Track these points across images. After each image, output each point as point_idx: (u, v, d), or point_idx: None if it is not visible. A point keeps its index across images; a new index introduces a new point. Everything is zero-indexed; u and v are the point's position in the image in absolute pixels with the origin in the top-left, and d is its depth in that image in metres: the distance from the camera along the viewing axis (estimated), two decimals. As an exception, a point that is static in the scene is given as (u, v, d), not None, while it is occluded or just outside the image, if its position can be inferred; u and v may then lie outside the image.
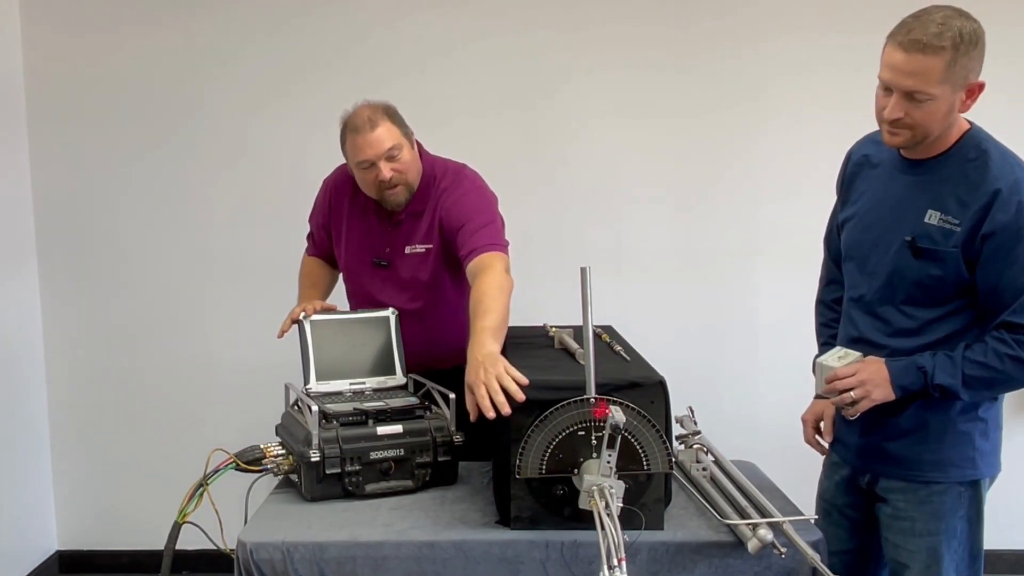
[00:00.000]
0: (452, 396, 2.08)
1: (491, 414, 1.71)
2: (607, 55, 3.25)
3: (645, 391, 1.76)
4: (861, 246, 1.94)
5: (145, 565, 3.27)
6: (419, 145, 2.37)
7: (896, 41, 1.71)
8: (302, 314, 2.21)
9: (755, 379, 3.33)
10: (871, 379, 1.79)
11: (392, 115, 2.27)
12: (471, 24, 3.24)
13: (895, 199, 1.87)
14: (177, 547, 1.93)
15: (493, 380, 1.73)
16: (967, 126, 1.81)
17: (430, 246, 2.33)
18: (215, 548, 1.98)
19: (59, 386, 3.41)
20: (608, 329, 2.25)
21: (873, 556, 2.03)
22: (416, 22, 3.23)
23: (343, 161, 2.37)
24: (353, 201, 2.40)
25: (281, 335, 2.26)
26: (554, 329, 2.22)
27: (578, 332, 2.05)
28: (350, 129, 2.25)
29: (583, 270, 1.74)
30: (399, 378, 2.23)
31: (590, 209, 3.31)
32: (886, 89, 1.75)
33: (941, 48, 1.65)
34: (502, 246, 2.23)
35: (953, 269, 1.77)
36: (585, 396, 1.70)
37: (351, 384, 2.18)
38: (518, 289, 2.18)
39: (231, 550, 1.79)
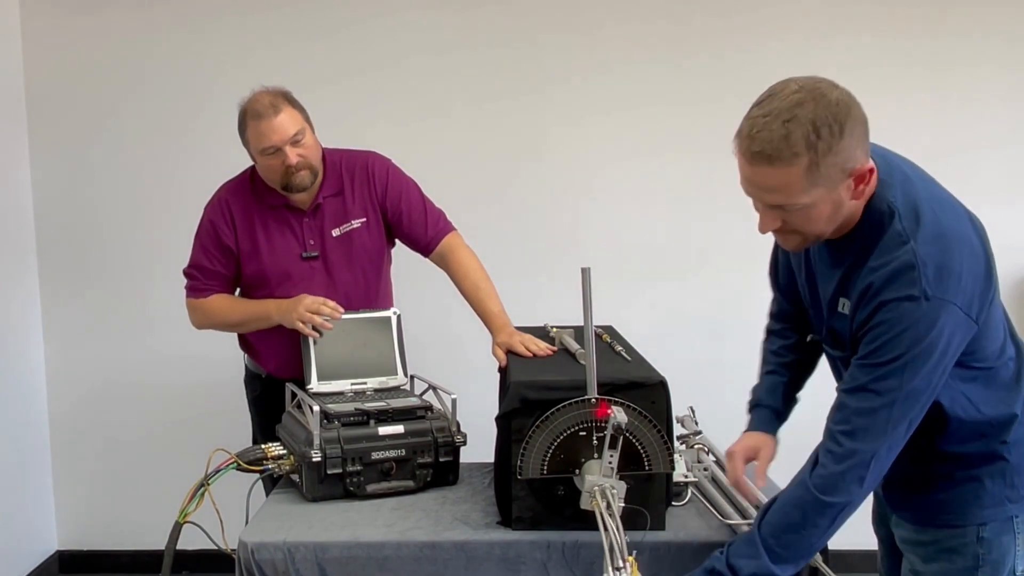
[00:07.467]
0: (454, 396, 2.08)
1: (528, 354, 2.05)
2: (606, 51, 3.24)
3: (646, 391, 1.76)
4: (804, 299, 1.70)
5: (145, 565, 3.27)
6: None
7: (740, 150, 1.35)
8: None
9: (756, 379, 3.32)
10: None
11: (292, 100, 2.28)
12: (470, 19, 3.24)
13: (818, 273, 1.58)
14: (178, 547, 1.93)
15: (530, 341, 2.09)
16: (872, 192, 1.42)
17: (364, 219, 2.36)
18: (216, 548, 1.97)
19: (59, 386, 3.40)
20: (609, 329, 2.25)
21: None
22: (409, 19, 3.23)
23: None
24: (260, 207, 2.35)
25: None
26: (555, 329, 2.22)
27: (579, 332, 2.05)
28: (252, 115, 2.24)
29: (584, 270, 1.74)
30: (401, 378, 2.23)
31: (590, 209, 3.31)
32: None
33: (793, 156, 1.30)
34: (452, 225, 2.44)
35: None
36: (586, 396, 1.70)
37: (352, 384, 2.18)
38: (519, 289, 2.17)
39: (232, 550, 1.79)
